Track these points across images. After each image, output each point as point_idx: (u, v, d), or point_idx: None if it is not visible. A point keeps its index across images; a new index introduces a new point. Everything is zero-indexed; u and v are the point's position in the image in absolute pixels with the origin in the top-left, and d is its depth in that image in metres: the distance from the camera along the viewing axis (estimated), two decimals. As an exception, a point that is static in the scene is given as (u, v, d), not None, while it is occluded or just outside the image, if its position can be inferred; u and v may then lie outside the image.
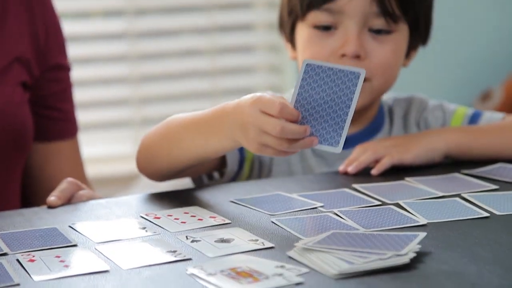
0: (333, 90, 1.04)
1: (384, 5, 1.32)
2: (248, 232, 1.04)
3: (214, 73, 2.74)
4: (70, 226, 1.09)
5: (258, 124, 1.06)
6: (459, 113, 1.41)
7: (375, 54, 1.32)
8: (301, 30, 1.36)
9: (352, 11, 1.31)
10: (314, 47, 1.33)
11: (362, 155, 1.29)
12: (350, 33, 1.31)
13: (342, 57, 1.31)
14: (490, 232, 1.02)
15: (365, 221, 1.06)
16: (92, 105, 2.65)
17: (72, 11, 2.65)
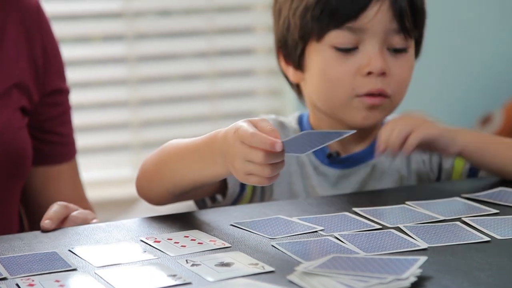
0: (313, 142, 1.08)
1: (403, 21, 1.33)
2: (248, 256, 1.04)
3: (214, 97, 2.75)
4: (70, 250, 1.09)
5: (242, 154, 1.09)
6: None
7: (396, 72, 1.34)
8: (317, 52, 1.34)
9: (375, 28, 1.32)
10: (338, 67, 1.32)
11: (391, 135, 1.28)
12: (374, 50, 1.32)
13: (368, 75, 1.32)
14: (491, 256, 1.02)
15: (365, 245, 1.06)
16: (92, 129, 2.66)
17: (72, 35, 2.66)
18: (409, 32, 1.34)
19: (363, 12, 1.31)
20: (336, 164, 1.38)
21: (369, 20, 1.31)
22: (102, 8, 2.68)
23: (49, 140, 1.46)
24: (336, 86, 1.33)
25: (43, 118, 1.45)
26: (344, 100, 1.33)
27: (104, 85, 2.69)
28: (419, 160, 1.39)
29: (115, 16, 2.68)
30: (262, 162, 1.08)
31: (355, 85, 1.32)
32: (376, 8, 1.31)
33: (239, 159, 1.10)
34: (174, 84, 2.75)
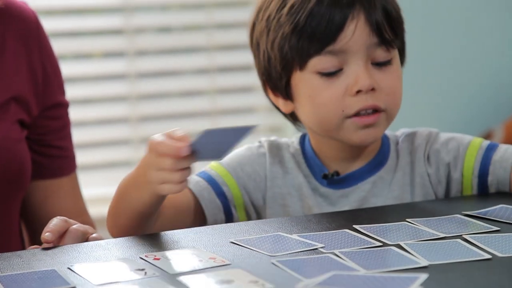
0: (223, 141, 1.14)
1: (382, 33, 1.32)
2: (249, 273, 1.03)
3: (214, 114, 2.75)
4: (69, 267, 1.09)
5: (153, 164, 1.17)
6: (474, 145, 1.37)
7: (385, 85, 1.33)
8: (301, 80, 1.33)
9: (355, 46, 1.31)
10: (325, 92, 1.31)
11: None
12: (359, 68, 1.31)
13: (357, 94, 1.31)
14: (492, 274, 1.01)
15: (366, 262, 1.05)
16: (92, 145, 2.66)
17: (73, 52, 2.67)
18: (390, 43, 1.33)
19: (340, 33, 1.30)
20: (335, 185, 1.37)
21: (348, 39, 1.30)
22: (103, 25, 2.68)
23: (49, 154, 1.46)
24: (326, 111, 1.32)
25: (43, 131, 1.45)
26: (336, 123, 1.32)
27: (104, 102, 2.69)
28: (424, 173, 1.37)
29: (116, 33, 2.69)
30: (171, 168, 1.15)
31: (344, 106, 1.31)
32: (353, 26, 1.30)
33: (150, 169, 1.17)
34: (174, 100, 2.76)
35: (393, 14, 1.34)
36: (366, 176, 1.37)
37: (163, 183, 1.18)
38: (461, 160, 1.36)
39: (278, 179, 1.38)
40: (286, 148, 1.41)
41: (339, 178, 1.37)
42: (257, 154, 1.40)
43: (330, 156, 1.38)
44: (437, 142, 1.38)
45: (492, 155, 1.35)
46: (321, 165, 1.38)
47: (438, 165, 1.37)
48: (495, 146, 1.37)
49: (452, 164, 1.36)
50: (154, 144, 1.17)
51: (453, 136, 1.39)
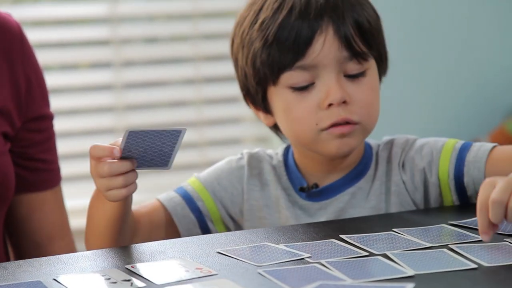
0: (157, 146, 1.17)
1: (353, 46, 1.31)
2: (235, 284, 1.03)
3: (201, 124, 2.75)
4: (55, 279, 1.08)
5: (94, 171, 1.20)
6: (448, 147, 1.36)
7: (357, 97, 1.32)
8: (276, 95, 1.34)
9: (325, 60, 1.31)
10: (298, 107, 1.32)
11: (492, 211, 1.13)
12: (330, 82, 1.31)
13: (329, 107, 1.31)
14: (478, 283, 1.01)
15: (352, 272, 1.05)
16: (78, 156, 2.65)
17: (59, 62, 2.66)
18: (362, 56, 1.33)
19: (309, 48, 1.30)
20: (314, 197, 1.37)
21: (317, 54, 1.30)
22: (89, 36, 2.68)
23: (32, 167, 1.45)
24: (300, 125, 1.33)
25: (26, 144, 1.44)
26: (311, 136, 1.32)
27: (90, 113, 2.68)
28: (399, 181, 1.36)
29: (102, 44, 2.69)
30: (110, 173, 1.18)
31: (318, 120, 1.31)
32: (321, 41, 1.30)
33: (95, 178, 1.20)
34: (161, 111, 2.75)
35: (365, 26, 1.33)
36: (345, 188, 1.37)
37: (109, 189, 1.20)
38: (435, 164, 1.35)
39: (255, 191, 1.39)
40: (267, 160, 1.41)
41: (317, 190, 1.37)
42: (236, 167, 1.40)
43: (311, 168, 1.38)
44: (412, 149, 1.38)
45: (466, 155, 1.34)
46: (301, 178, 1.38)
47: (413, 172, 1.36)
48: (468, 145, 1.35)
49: (427, 169, 1.36)
50: (91, 149, 1.20)
51: (428, 141, 1.38)
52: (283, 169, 1.40)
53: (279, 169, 1.40)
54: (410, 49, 2.80)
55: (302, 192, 1.37)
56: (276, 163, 1.40)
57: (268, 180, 1.39)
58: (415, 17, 2.80)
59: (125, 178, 1.19)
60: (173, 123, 2.74)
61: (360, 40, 1.32)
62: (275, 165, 1.40)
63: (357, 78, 1.33)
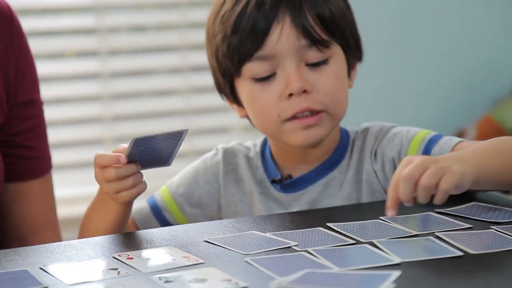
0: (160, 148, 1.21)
1: (311, 34, 1.31)
2: (222, 272, 1.03)
3: (188, 113, 2.74)
4: (41, 268, 1.08)
5: (101, 177, 1.23)
6: (418, 138, 1.34)
7: (320, 86, 1.31)
8: (241, 87, 1.35)
9: (283, 50, 1.30)
10: (261, 97, 1.32)
11: (401, 187, 1.12)
12: (290, 71, 1.31)
13: (290, 97, 1.31)
14: (464, 271, 1.02)
15: (339, 260, 1.05)
16: (65, 145, 2.64)
17: (45, 51, 2.65)
18: (323, 43, 1.32)
19: (266, 38, 1.30)
20: (288, 189, 1.37)
21: (275, 44, 1.30)
22: (75, 24, 2.67)
23: (20, 155, 1.43)
24: (264, 116, 1.33)
25: (15, 131, 1.42)
26: (275, 127, 1.32)
27: (77, 102, 2.67)
28: (370, 170, 1.36)
29: (89, 32, 2.67)
30: (116, 178, 1.21)
31: (280, 111, 1.31)
32: (278, 31, 1.30)
33: (101, 183, 1.24)
34: (148, 100, 2.74)
35: (326, 13, 1.32)
36: (318, 178, 1.37)
37: (118, 192, 1.23)
38: (404, 154, 1.33)
39: (231, 187, 1.39)
40: (243, 154, 1.41)
41: (290, 182, 1.37)
42: (210, 164, 1.41)
43: (286, 159, 1.38)
44: (385, 138, 1.36)
45: (432, 148, 1.32)
46: (275, 169, 1.38)
47: (384, 162, 1.35)
48: (437, 138, 1.33)
49: (396, 159, 1.34)
50: (96, 159, 1.23)
51: (401, 130, 1.37)
52: (259, 161, 1.40)
53: (256, 160, 1.40)
54: (398, 39, 2.80)
55: (276, 184, 1.37)
56: (253, 155, 1.41)
57: (243, 175, 1.39)
58: (404, 8, 2.80)
59: (134, 179, 1.22)
60: (160, 112, 2.73)
61: (320, 28, 1.31)
62: (252, 156, 1.40)
63: (319, 66, 1.32)
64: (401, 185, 1.11)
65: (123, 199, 1.25)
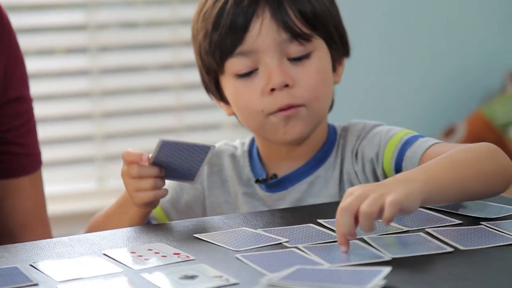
0: (186, 159, 1.23)
1: (292, 28, 1.30)
2: (213, 269, 1.03)
3: (179, 109, 2.74)
4: (31, 264, 1.08)
5: (125, 173, 1.25)
6: (395, 139, 1.31)
7: (302, 80, 1.31)
8: (225, 84, 1.35)
9: (264, 45, 1.30)
10: (244, 95, 1.32)
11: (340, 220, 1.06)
12: (272, 66, 1.30)
13: (272, 92, 1.30)
14: (454, 267, 1.02)
15: (330, 256, 1.06)
16: (55, 142, 2.63)
17: (35, 48, 2.64)
18: (304, 37, 1.31)
19: (246, 33, 1.30)
20: (273, 188, 1.37)
21: (255, 39, 1.30)
22: (65, 21, 2.66)
23: (10, 152, 1.43)
24: (248, 112, 1.33)
25: (5, 128, 1.42)
26: (259, 122, 1.32)
27: (67, 98, 2.67)
28: (351, 170, 1.35)
29: (78, 29, 2.67)
30: (139, 174, 1.23)
31: (263, 106, 1.31)
32: (258, 25, 1.30)
33: (125, 178, 1.26)
34: (138, 96, 2.74)
35: (308, 8, 1.32)
36: (303, 177, 1.36)
37: (137, 191, 1.25)
38: (381, 155, 1.32)
39: (215, 188, 1.39)
40: (229, 155, 1.40)
41: (275, 181, 1.36)
42: None
43: (272, 157, 1.38)
44: (366, 138, 1.35)
45: (406, 150, 1.30)
46: (261, 169, 1.38)
47: (364, 162, 1.34)
48: (413, 140, 1.30)
49: (375, 160, 1.33)
50: (123, 155, 1.25)
51: (381, 130, 1.34)
52: (247, 160, 1.40)
53: (243, 159, 1.40)
54: (389, 36, 2.80)
55: (261, 184, 1.37)
56: (241, 153, 1.40)
57: (228, 176, 1.39)
58: (395, 5, 2.80)
59: (154, 182, 1.25)
60: (150, 108, 2.73)
61: (301, 22, 1.31)
62: (239, 155, 1.40)
63: (301, 60, 1.32)
64: (339, 218, 1.05)
65: (140, 199, 1.25)
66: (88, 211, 2.53)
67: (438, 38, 2.85)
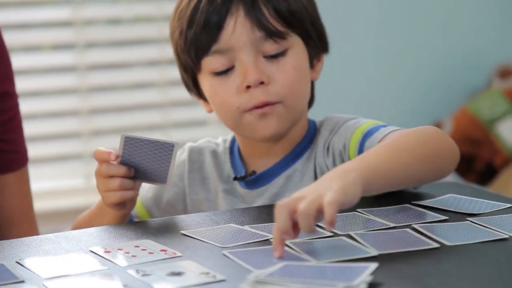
0: (153, 157, 1.23)
1: (266, 26, 1.30)
2: (200, 265, 1.03)
3: (165, 106, 2.74)
4: (17, 261, 1.07)
5: (96, 172, 1.26)
6: (359, 131, 1.31)
7: (278, 77, 1.31)
8: (202, 81, 1.35)
9: (239, 42, 1.30)
10: (220, 93, 1.32)
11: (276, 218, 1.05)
12: (247, 63, 1.30)
13: (248, 89, 1.30)
14: (440, 262, 1.02)
15: (316, 253, 1.06)
16: (42, 138, 2.63)
17: (21, 44, 2.63)
18: (279, 35, 1.31)
19: (221, 31, 1.30)
20: (252, 184, 1.37)
21: (229, 37, 1.30)
22: (51, 17, 2.65)
23: None
24: (224, 109, 1.33)
25: None
26: (235, 120, 1.33)
27: (54, 94, 2.66)
28: (323, 164, 1.35)
29: (65, 25, 2.66)
30: (107, 173, 1.24)
31: (239, 103, 1.31)
32: (232, 24, 1.30)
33: (96, 178, 1.26)
34: (125, 92, 2.73)
35: (282, 5, 1.32)
36: (281, 171, 1.36)
37: (106, 190, 1.25)
38: (347, 147, 1.32)
39: (196, 186, 1.39)
40: (210, 152, 1.41)
41: (253, 178, 1.37)
42: (176, 164, 1.41)
43: (252, 153, 1.38)
44: (338, 132, 1.34)
45: (366, 141, 1.29)
46: (241, 165, 1.38)
47: (334, 155, 1.34)
48: (374, 130, 1.29)
49: (343, 152, 1.33)
50: (95, 153, 1.26)
51: (351, 123, 1.34)
52: (228, 156, 1.40)
53: (224, 156, 1.40)
54: (375, 32, 2.80)
55: (240, 181, 1.37)
56: (222, 150, 1.41)
57: (208, 173, 1.39)
58: (382, 1, 2.80)
59: (121, 181, 1.24)
60: (137, 105, 2.73)
61: (275, 20, 1.31)
62: (221, 152, 1.40)
63: (276, 58, 1.32)
64: (276, 213, 1.04)
65: (109, 200, 1.26)
66: (75, 208, 2.53)
67: (424, 35, 2.86)
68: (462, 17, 2.90)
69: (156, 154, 1.22)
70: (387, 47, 2.83)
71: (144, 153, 1.22)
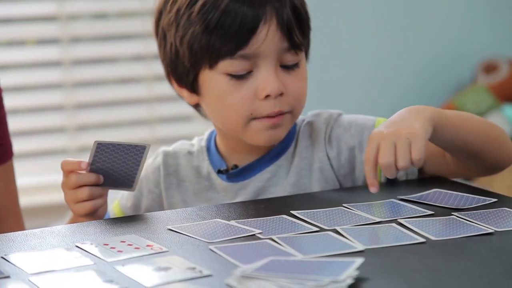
0: (123, 162, 1.23)
1: (293, 38, 1.31)
2: (186, 260, 1.03)
3: (151, 101, 2.73)
4: (3, 257, 1.07)
5: (63, 184, 1.26)
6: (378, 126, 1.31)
7: (292, 88, 1.32)
8: (210, 79, 1.32)
9: (267, 51, 1.30)
10: (234, 94, 1.30)
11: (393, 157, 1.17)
12: (268, 72, 1.30)
13: (266, 98, 1.30)
14: (426, 257, 1.03)
15: (303, 248, 1.06)
16: (27, 133, 2.62)
17: (6, 39, 2.62)
18: (299, 47, 1.32)
19: (253, 37, 1.29)
20: (235, 178, 1.37)
21: (260, 44, 1.29)
22: (36, 11, 2.64)
23: None
24: (233, 112, 1.31)
25: None
26: (242, 124, 1.32)
27: (39, 89, 2.65)
28: (324, 157, 1.35)
29: (49, 19, 2.65)
30: (76, 183, 1.23)
31: (253, 110, 1.31)
32: (265, 31, 1.29)
33: (64, 191, 1.25)
34: (110, 87, 2.73)
35: (302, 13, 1.33)
36: (265, 166, 1.36)
37: (75, 202, 1.25)
38: (365, 144, 1.33)
39: (172, 189, 1.40)
40: (185, 153, 1.40)
41: (236, 171, 1.37)
42: (151, 170, 1.41)
43: (232, 149, 1.38)
44: (339, 125, 1.36)
45: None
46: (221, 160, 1.38)
47: (341, 149, 1.35)
48: None
49: (357, 148, 1.34)
50: (62, 164, 1.25)
51: (355, 119, 1.37)
52: (205, 154, 1.39)
53: (201, 155, 1.40)
54: (359, 25, 2.81)
55: (222, 174, 1.37)
56: (198, 149, 1.40)
57: (185, 176, 1.39)
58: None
59: (90, 190, 1.24)
60: (122, 100, 2.72)
61: (299, 32, 1.32)
62: (197, 151, 1.40)
63: (292, 69, 1.33)
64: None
65: (80, 211, 1.25)
66: (61, 203, 2.50)
67: (409, 29, 2.87)
68: (447, 13, 2.90)
69: (126, 159, 1.22)
70: (372, 44, 2.83)
71: (115, 158, 1.22)
